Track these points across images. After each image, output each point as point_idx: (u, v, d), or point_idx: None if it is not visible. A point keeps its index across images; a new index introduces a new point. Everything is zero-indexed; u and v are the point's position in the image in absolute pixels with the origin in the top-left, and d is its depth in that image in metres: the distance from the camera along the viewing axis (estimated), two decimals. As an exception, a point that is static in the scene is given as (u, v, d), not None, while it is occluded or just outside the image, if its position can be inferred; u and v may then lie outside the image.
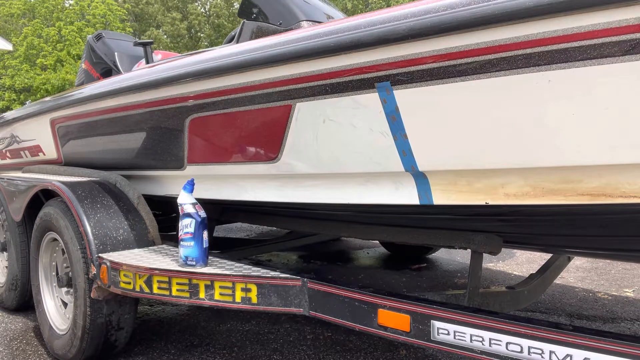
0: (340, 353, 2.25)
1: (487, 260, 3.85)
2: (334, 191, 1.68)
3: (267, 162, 1.75)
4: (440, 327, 1.38)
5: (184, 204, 1.87)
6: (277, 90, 1.60)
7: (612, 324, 2.62)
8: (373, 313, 1.51)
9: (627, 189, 1.15)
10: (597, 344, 1.16)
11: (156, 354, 2.22)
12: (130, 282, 1.89)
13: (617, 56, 1.02)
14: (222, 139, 1.92)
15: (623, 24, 0.99)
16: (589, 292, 3.19)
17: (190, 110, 1.94)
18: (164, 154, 2.17)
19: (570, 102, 1.12)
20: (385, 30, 1.28)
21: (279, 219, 2.52)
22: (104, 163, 2.62)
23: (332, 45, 1.39)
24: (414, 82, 1.29)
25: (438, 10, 1.19)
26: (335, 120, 1.51)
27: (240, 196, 2.00)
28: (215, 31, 27.31)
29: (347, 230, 2.26)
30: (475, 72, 1.20)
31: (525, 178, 1.29)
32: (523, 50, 1.11)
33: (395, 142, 1.40)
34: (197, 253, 1.85)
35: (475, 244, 1.78)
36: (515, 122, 1.21)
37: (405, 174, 1.46)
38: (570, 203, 1.24)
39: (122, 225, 2.16)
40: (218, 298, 1.74)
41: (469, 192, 1.39)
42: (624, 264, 3.80)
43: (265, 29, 2.14)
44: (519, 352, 1.25)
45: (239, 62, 1.68)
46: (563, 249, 2.20)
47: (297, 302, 1.67)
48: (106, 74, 3.26)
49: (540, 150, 1.21)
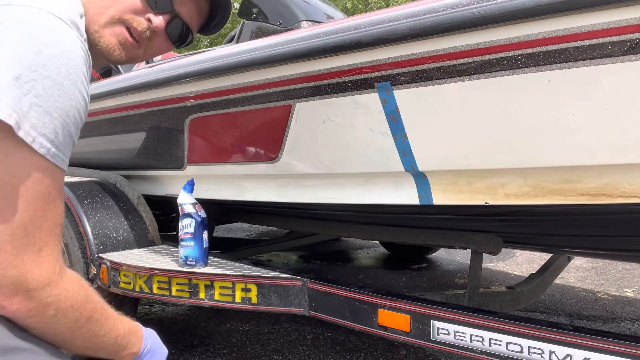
0: (340, 353, 2.25)
1: (487, 260, 3.85)
2: (334, 191, 1.68)
3: (267, 162, 1.75)
4: (440, 327, 1.38)
5: (184, 204, 1.87)
6: (277, 90, 1.60)
7: (612, 324, 2.62)
8: (373, 313, 1.51)
9: (627, 189, 1.15)
10: (597, 344, 1.16)
11: (156, 354, 2.21)
12: (130, 282, 1.89)
13: (617, 56, 1.02)
14: (222, 139, 1.92)
15: (623, 24, 0.99)
16: (589, 292, 3.19)
17: (190, 110, 1.94)
18: (164, 154, 2.17)
19: (570, 102, 1.12)
20: (385, 30, 1.28)
21: (279, 219, 2.52)
22: (104, 163, 2.62)
23: (332, 45, 1.39)
24: (414, 82, 1.29)
25: (438, 10, 1.19)
26: (335, 121, 1.51)
27: (240, 196, 2.00)
28: (215, 31, 27.33)
29: (347, 230, 2.26)
30: (475, 72, 1.20)
31: (525, 178, 1.29)
32: (523, 50, 1.11)
33: (395, 142, 1.40)
34: (197, 253, 1.85)
35: (475, 244, 1.78)
36: (515, 122, 1.21)
37: (405, 174, 1.46)
38: (570, 203, 1.24)
39: (122, 225, 2.16)
40: (218, 298, 1.74)
41: (469, 192, 1.39)
42: (624, 264, 3.80)
43: (265, 29, 2.14)
44: (519, 352, 1.25)
45: (239, 62, 1.68)
46: (563, 249, 2.20)
47: (297, 302, 1.67)
48: (106, 74, 3.26)
49: (540, 150, 1.21)
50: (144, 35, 0.95)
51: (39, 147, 0.69)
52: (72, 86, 0.73)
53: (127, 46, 0.94)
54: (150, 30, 0.95)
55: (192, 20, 1.01)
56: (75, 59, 0.74)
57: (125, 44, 0.94)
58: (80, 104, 0.76)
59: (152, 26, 0.94)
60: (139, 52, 0.98)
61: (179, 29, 0.99)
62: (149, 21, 0.94)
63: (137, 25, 0.93)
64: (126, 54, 0.95)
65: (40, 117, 0.68)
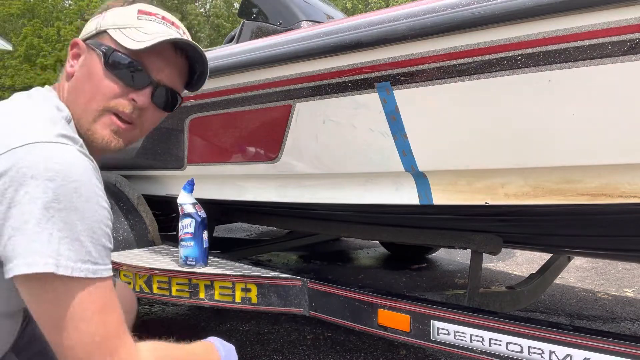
0: (340, 353, 2.25)
1: (487, 260, 3.85)
2: (334, 191, 1.68)
3: (267, 162, 1.76)
4: (440, 327, 1.38)
5: (184, 204, 1.87)
6: (277, 90, 1.60)
7: (612, 324, 2.62)
8: (373, 313, 1.51)
9: (627, 189, 1.15)
10: (597, 344, 1.16)
11: (156, 354, 2.21)
12: (130, 282, 1.89)
13: (617, 56, 1.02)
14: (222, 139, 1.92)
15: (623, 24, 0.99)
16: (589, 292, 3.19)
17: (190, 110, 1.94)
18: (164, 154, 2.17)
19: (570, 102, 1.12)
20: (385, 30, 1.28)
21: (279, 219, 2.52)
22: (104, 163, 2.62)
23: (332, 45, 1.39)
24: (414, 82, 1.29)
25: (438, 10, 1.19)
26: (335, 121, 1.51)
27: (240, 196, 2.00)
28: (215, 31, 27.30)
29: (347, 230, 2.26)
30: (475, 72, 1.20)
31: (525, 178, 1.29)
32: (523, 50, 1.12)
33: (395, 142, 1.40)
34: (197, 253, 1.85)
35: (475, 244, 1.78)
36: (515, 122, 1.21)
37: (405, 174, 1.46)
38: (570, 203, 1.24)
39: (122, 225, 2.16)
40: (218, 298, 1.74)
41: (469, 192, 1.39)
42: (624, 264, 3.80)
43: (265, 29, 2.14)
44: (519, 352, 1.26)
45: (239, 62, 1.68)
46: (563, 249, 2.20)
47: (297, 302, 1.67)
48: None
49: (540, 150, 1.21)
50: (133, 115, 0.93)
51: (79, 273, 0.74)
52: (87, 204, 0.76)
53: (121, 133, 0.93)
54: (138, 109, 0.93)
55: (174, 82, 0.99)
56: (81, 177, 0.76)
57: (119, 131, 0.93)
58: (102, 214, 0.78)
59: (138, 105, 0.92)
60: (135, 133, 0.96)
61: (164, 97, 0.96)
62: (134, 101, 0.92)
63: (123, 108, 0.91)
64: (123, 139, 0.94)
65: (70, 246, 0.73)
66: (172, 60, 0.96)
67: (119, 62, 0.90)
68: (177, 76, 0.99)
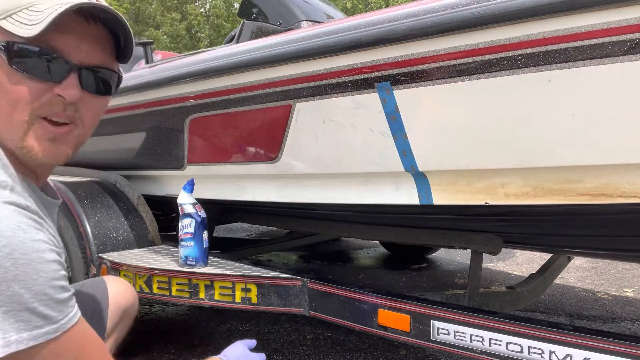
0: (340, 353, 2.25)
1: (487, 260, 3.85)
2: (334, 191, 1.68)
3: (267, 162, 1.76)
4: (440, 327, 1.38)
5: (184, 204, 1.87)
6: (277, 90, 1.60)
7: (612, 324, 2.62)
8: (373, 313, 1.51)
9: (627, 189, 1.15)
10: (597, 344, 1.16)
11: (156, 354, 2.22)
12: (130, 282, 1.89)
13: (617, 56, 1.02)
14: (222, 139, 1.92)
15: (623, 24, 0.99)
16: (589, 292, 3.19)
17: (190, 110, 1.94)
18: (164, 154, 2.17)
19: (570, 102, 1.12)
20: (385, 30, 1.28)
21: (279, 219, 2.52)
22: (104, 163, 2.62)
23: (332, 45, 1.39)
24: (414, 82, 1.29)
25: (438, 10, 1.19)
26: (335, 120, 1.51)
27: (240, 196, 2.00)
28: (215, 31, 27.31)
29: (347, 230, 2.26)
30: (475, 72, 1.20)
31: (525, 178, 1.29)
32: (523, 50, 1.11)
33: (395, 142, 1.40)
34: (197, 253, 1.85)
35: (475, 244, 1.78)
36: (515, 122, 1.21)
37: (405, 174, 1.46)
38: (570, 203, 1.24)
39: (122, 225, 2.16)
40: (218, 298, 1.74)
41: (469, 192, 1.39)
42: (624, 264, 3.80)
43: (265, 29, 2.14)
44: (519, 352, 1.26)
45: (239, 62, 1.68)
46: (563, 249, 2.20)
47: (297, 302, 1.67)
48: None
49: (540, 150, 1.21)
50: (68, 113, 0.77)
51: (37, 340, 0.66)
52: (28, 268, 0.65)
53: (61, 139, 0.78)
54: (70, 105, 0.77)
55: (100, 58, 0.81)
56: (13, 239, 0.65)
57: (57, 138, 0.77)
58: (49, 270, 0.68)
59: (68, 100, 0.75)
60: (78, 133, 0.81)
61: (95, 79, 0.80)
62: (60, 97, 0.75)
63: (52, 108, 0.75)
64: (67, 146, 0.80)
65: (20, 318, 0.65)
66: (86, 33, 0.78)
67: (23, 56, 0.73)
68: (101, 50, 0.81)
